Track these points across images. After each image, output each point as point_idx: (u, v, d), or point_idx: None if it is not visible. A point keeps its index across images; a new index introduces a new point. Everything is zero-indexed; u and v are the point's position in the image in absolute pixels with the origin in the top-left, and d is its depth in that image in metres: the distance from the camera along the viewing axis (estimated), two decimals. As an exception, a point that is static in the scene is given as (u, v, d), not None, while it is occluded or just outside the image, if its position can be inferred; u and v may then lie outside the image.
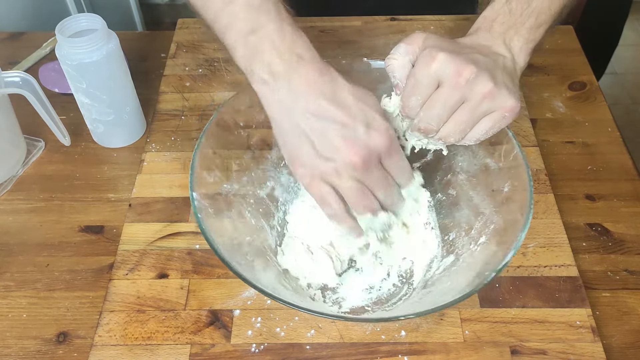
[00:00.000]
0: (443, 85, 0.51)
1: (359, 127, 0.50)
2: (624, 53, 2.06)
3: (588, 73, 0.83)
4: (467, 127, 0.52)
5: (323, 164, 0.50)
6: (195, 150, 0.56)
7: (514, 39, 0.56)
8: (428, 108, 0.52)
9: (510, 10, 0.56)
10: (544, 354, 0.54)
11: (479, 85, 0.51)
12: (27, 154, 0.73)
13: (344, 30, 0.89)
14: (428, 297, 0.55)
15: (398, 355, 0.55)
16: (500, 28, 0.56)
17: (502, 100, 0.51)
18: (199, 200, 0.54)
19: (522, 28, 0.56)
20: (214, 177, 0.58)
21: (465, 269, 0.55)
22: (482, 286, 0.49)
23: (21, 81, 0.66)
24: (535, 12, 0.56)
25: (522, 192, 0.54)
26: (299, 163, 0.52)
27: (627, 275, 0.62)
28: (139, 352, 0.55)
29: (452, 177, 0.63)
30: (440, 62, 0.51)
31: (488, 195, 0.59)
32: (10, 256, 0.64)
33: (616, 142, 0.75)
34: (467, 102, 0.51)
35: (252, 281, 0.49)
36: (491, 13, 0.57)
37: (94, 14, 0.67)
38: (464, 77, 0.50)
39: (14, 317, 0.59)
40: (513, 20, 0.56)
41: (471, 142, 0.54)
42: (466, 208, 0.61)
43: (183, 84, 0.81)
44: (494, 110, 0.52)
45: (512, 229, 0.53)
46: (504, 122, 0.53)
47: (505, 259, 0.50)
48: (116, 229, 0.66)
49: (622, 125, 0.77)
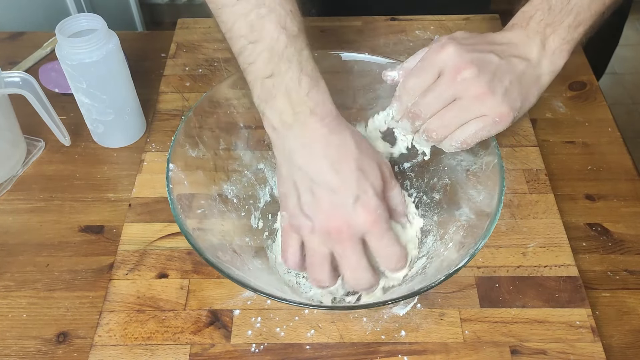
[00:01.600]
0: (441, 78, 0.52)
1: (348, 199, 0.49)
2: (624, 53, 2.06)
3: (588, 73, 0.83)
4: (453, 125, 0.52)
5: (302, 219, 0.51)
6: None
7: (551, 38, 0.54)
8: (422, 95, 0.53)
9: (550, 6, 0.54)
10: (544, 354, 0.54)
11: (473, 85, 0.51)
12: (27, 154, 0.73)
13: (344, 30, 0.89)
14: (409, 284, 0.55)
15: (398, 355, 0.55)
16: (537, 26, 0.54)
17: (493, 106, 0.51)
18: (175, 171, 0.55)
19: (560, 27, 0.54)
20: (197, 152, 0.59)
21: (438, 266, 0.55)
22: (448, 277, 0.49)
23: (21, 81, 0.66)
24: (575, 10, 0.54)
25: (492, 200, 0.54)
26: (285, 207, 0.53)
27: (627, 275, 0.62)
28: (139, 352, 0.55)
29: (437, 180, 0.63)
30: (447, 53, 0.51)
31: (466, 199, 0.59)
32: (10, 256, 0.64)
33: (616, 142, 0.75)
34: (459, 100, 0.51)
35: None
36: (530, 8, 0.55)
37: (94, 14, 0.67)
38: (461, 75, 0.50)
39: (14, 317, 0.59)
40: (552, 17, 0.54)
41: (457, 143, 0.53)
42: (446, 213, 0.60)
43: (183, 84, 0.81)
44: (484, 114, 0.51)
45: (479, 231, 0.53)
46: (493, 129, 0.52)
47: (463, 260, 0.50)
48: (116, 229, 0.66)
49: (622, 125, 0.77)
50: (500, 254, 0.61)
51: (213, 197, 0.60)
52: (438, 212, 0.61)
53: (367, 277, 0.52)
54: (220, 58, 0.84)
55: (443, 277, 0.49)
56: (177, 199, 0.54)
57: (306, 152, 0.50)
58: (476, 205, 0.56)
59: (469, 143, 0.53)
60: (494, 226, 0.51)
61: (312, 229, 0.51)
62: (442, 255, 0.56)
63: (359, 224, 0.50)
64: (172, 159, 0.55)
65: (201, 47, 0.86)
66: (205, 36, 0.88)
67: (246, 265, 0.56)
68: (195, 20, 0.90)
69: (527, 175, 0.68)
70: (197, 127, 0.60)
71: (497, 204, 0.52)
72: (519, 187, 0.67)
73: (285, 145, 0.50)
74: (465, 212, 0.57)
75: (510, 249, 0.62)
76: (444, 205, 0.61)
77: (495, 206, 0.52)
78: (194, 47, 0.86)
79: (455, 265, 0.50)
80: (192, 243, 0.51)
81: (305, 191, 0.50)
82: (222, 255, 0.54)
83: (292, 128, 0.49)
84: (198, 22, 0.90)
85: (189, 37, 0.88)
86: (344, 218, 0.49)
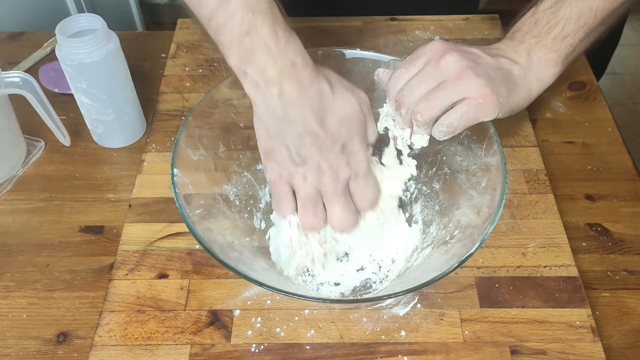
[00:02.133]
0: (426, 66, 0.54)
1: (335, 148, 0.53)
2: (624, 53, 2.06)
3: (588, 73, 0.83)
4: (437, 107, 0.53)
5: (293, 167, 0.54)
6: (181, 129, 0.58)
7: (535, 48, 0.57)
8: (407, 82, 0.55)
9: (536, 21, 0.58)
10: (544, 354, 0.54)
11: (455, 68, 0.53)
12: (27, 154, 0.74)
13: (344, 30, 0.89)
14: (407, 282, 0.56)
15: (398, 355, 0.55)
16: (523, 37, 0.58)
17: (476, 86, 0.52)
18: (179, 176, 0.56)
19: (546, 38, 0.57)
20: (199, 156, 0.59)
21: (440, 258, 0.56)
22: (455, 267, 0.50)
23: (21, 81, 0.66)
24: (562, 23, 0.57)
25: (495, 188, 0.55)
26: (272, 159, 0.55)
27: (627, 275, 0.62)
28: (139, 352, 0.55)
29: (437, 171, 0.64)
30: (433, 45, 0.55)
31: (467, 190, 0.59)
32: (10, 256, 0.64)
33: (616, 142, 0.75)
34: (443, 83, 0.53)
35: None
36: (518, 24, 0.59)
37: (94, 14, 0.67)
38: (444, 59, 0.53)
39: (14, 317, 0.59)
40: (537, 30, 0.58)
41: (444, 128, 0.54)
42: (447, 202, 0.61)
43: (183, 84, 0.81)
44: (468, 96, 0.53)
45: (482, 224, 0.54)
46: (478, 111, 0.53)
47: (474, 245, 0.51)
48: (116, 229, 0.66)
49: (622, 125, 0.77)
50: (500, 254, 0.61)
51: (215, 198, 0.60)
52: (439, 202, 0.62)
53: (352, 219, 0.57)
54: (220, 58, 0.84)
55: (456, 263, 0.50)
56: (184, 201, 0.54)
57: (292, 105, 0.51)
58: (478, 192, 0.58)
59: (455, 127, 0.54)
60: (501, 207, 0.52)
61: (304, 175, 0.54)
62: (449, 243, 0.56)
63: (346, 168, 0.54)
64: (176, 164, 0.55)
65: (201, 47, 0.86)
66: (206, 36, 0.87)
67: (252, 266, 0.57)
68: (195, 21, 0.90)
69: (527, 176, 0.68)
70: (198, 127, 0.60)
71: (502, 181, 0.53)
72: (518, 187, 0.67)
73: (270, 102, 0.51)
74: (470, 197, 0.58)
75: (510, 249, 0.62)
76: (445, 194, 0.62)
77: (502, 185, 0.53)
78: (194, 47, 0.86)
79: (467, 252, 0.50)
80: (207, 247, 0.51)
81: (294, 143, 0.52)
82: (230, 254, 0.55)
83: (276, 83, 0.50)
84: (198, 22, 0.90)
85: (189, 37, 0.88)
86: (332, 164, 0.53)
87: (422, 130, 0.55)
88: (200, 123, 0.60)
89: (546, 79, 0.59)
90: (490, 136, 0.57)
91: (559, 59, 0.58)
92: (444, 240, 0.58)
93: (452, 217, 0.59)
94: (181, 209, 0.53)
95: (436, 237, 0.59)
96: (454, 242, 0.56)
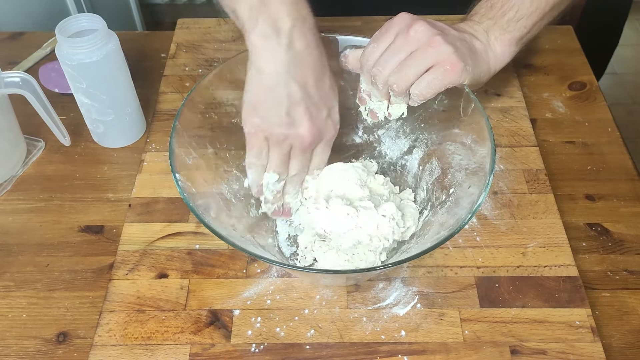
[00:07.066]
0: (397, 36, 0.57)
1: (323, 112, 0.56)
2: (624, 53, 2.06)
3: (588, 73, 0.83)
4: (411, 75, 0.56)
5: (279, 128, 0.54)
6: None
7: (492, 28, 0.63)
8: (382, 56, 0.57)
9: (492, 4, 0.64)
10: (544, 354, 0.54)
11: (425, 35, 0.56)
12: (27, 154, 0.74)
13: (344, 30, 0.89)
14: (407, 253, 0.56)
15: (398, 355, 0.55)
16: (480, 18, 0.63)
17: (444, 53, 0.56)
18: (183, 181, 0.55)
19: (502, 20, 0.63)
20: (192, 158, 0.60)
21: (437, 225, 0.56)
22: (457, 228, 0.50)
23: (21, 81, 0.66)
24: (516, 7, 0.63)
25: (485, 142, 0.56)
26: (259, 115, 0.55)
27: (627, 275, 0.62)
28: (139, 352, 0.55)
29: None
30: (400, 17, 0.58)
31: (458, 150, 0.61)
32: (10, 256, 0.64)
33: (616, 142, 0.75)
34: (413, 52, 0.56)
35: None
36: (476, 8, 0.65)
37: (94, 14, 0.67)
38: (414, 28, 0.56)
39: (14, 317, 0.59)
40: (493, 12, 0.63)
41: (415, 97, 0.56)
42: (438, 167, 0.63)
43: (183, 84, 0.81)
44: (437, 63, 0.55)
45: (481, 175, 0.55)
46: (445, 78, 0.56)
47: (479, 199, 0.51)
48: (116, 229, 0.66)
49: (622, 125, 0.77)
50: (500, 254, 0.61)
51: (215, 196, 0.60)
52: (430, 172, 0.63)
53: (304, 173, 0.60)
54: (220, 58, 0.84)
55: (458, 227, 0.50)
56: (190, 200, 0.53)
57: (297, 61, 0.52)
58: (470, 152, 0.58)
59: (424, 95, 0.56)
60: (491, 176, 0.53)
61: (285, 137, 0.55)
62: (445, 213, 0.57)
63: (324, 135, 0.57)
64: (177, 169, 0.55)
65: (201, 47, 0.86)
66: (205, 36, 0.88)
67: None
68: (195, 21, 0.90)
69: (527, 175, 0.68)
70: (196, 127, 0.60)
71: (490, 143, 0.54)
72: (518, 187, 0.67)
73: (276, 53, 0.52)
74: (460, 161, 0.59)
75: (510, 249, 0.62)
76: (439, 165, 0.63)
77: (490, 148, 0.54)
78: (194, 47, 0.86)
79: (462, 221, 0.51)
80: (232, 242, 0.51)
81: (291, 103, 0.53)
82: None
83: (287, 36, 0.51)
84: (198, 22, 0.90)
85: (189, 37, 0.88)
86: (316, 129, 0.56)
87: (400, 100, 0.58)
88: (187, 125, 0.60)
89: (503, 57, 0.63)
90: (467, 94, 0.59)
91: (513, 40, 0.63)
92: (441, 201, 0.59)
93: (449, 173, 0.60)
94: (195, 211, 0.52)
95: (430, 212, 0.60)
96: (452, 201, 0.57)
